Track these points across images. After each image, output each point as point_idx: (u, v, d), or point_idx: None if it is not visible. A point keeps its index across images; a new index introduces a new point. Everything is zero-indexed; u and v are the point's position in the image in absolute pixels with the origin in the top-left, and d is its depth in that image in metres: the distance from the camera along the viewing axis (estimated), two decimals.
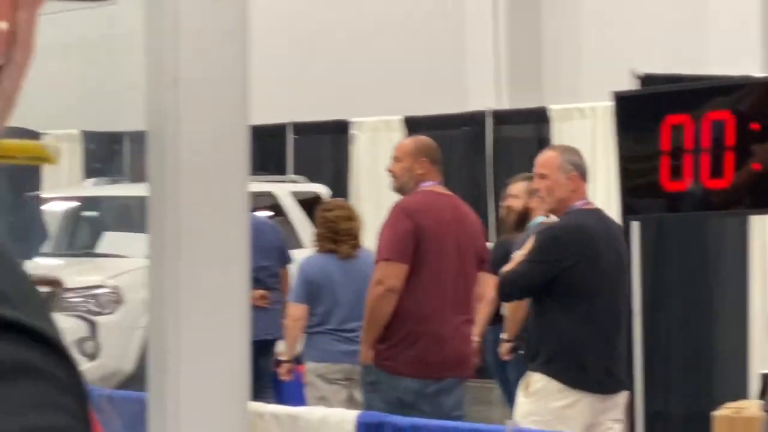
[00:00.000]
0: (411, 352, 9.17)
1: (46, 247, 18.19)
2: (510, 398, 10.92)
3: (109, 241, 16.81)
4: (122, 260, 15.44)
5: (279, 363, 12.50)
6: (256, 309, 10.22)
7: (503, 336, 11.13)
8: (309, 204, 15.11)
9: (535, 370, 9.12)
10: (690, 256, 12.52)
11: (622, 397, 9.33)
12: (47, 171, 19.83)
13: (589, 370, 8.85)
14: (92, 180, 19.28)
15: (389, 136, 15.57)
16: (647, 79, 10.98)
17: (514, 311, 10.72)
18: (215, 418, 3.13)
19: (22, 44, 1.26)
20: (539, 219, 10.68)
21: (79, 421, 0.94)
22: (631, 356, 10.80)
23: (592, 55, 16.58)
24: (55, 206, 19.14)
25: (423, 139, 10.73)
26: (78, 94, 21.77)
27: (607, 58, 15.73)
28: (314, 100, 17.30)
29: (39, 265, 15.83)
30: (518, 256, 9.41)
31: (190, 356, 3.10)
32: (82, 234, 19.18)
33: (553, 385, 8.85)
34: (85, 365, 13.97)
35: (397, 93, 16.22)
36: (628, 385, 9.53)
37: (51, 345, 0.94)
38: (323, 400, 9.89)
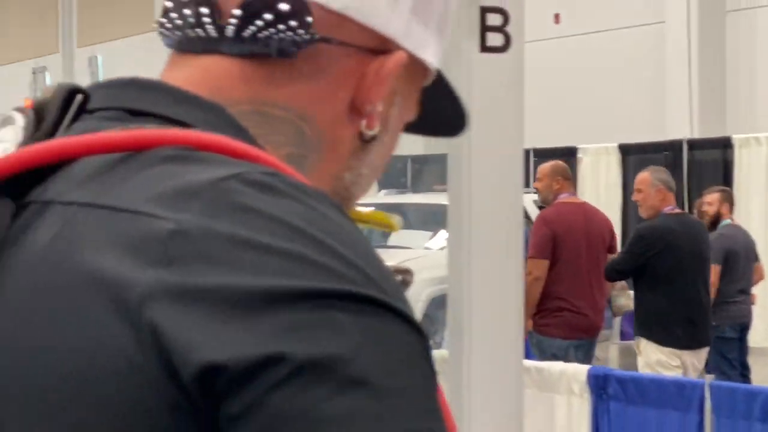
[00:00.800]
0: (557, 320, 9.55)
1: None
2: None
3: (395, 237, 16.95)
4: (406, 251, 15.55)
5: None
6: None
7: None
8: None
9: (637, 334, 9.63)
10: None
11: (703, 351, 9.46)
12: None
13: (672, 334, 9.12)
14: (384, 191, 19.45)
15: (608, 160, 14.98)
16: None
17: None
18: (497, 369, 3.17)
19: (391, 132, 1.20)
20: (727, 221, 10.56)
21: (434, 377, 0.93)
22: None
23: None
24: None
25: (558, 162, 11.09)
26: None
27: None
28: (550, 129, 17.14)
29: None
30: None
31: (479, 322, 3.15)
32: (376, 232, 19.36)
33: (651, 345, 9.22)
34: None
35: (614, 124, 16.04)
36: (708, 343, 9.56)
37: (411, 323, 0.92)
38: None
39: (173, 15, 1.16)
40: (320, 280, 0.89)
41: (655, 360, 9.09)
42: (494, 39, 3.37)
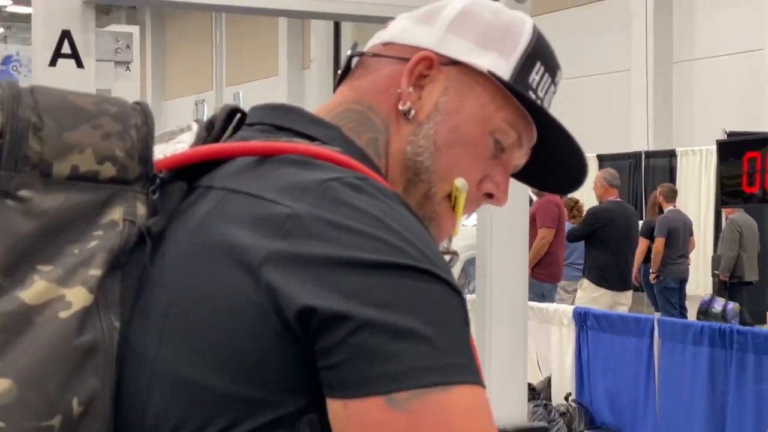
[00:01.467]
0: (547, 270, 9.45)
1: None
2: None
3: None
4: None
5: None
6: None
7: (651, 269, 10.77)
8: None
9: (583, 276, 9.78)
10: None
11: (628, 293, 9.69)
12: None
13: (606, 278, 9.28)
14: None
15: (589, 165, 14.43)
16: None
17: (655, 257, 10.46)
18: (509, 307, 3.16)
19: (443, 116, 1.13)
20: (670, 208, 10.55)
21: (468, 326, 0.93)
22: None
23: None
24: None
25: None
26: None
27: None
28: None
29: None
30: None
31: (497, 275, 3.13)
32: None
33: (591, 285, 9.42)
34: None
35: (593, 141, 15.38)
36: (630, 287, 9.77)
37: (453, 288, 0.91)
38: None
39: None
40: (390, 255, 0.90)
41: (591, 297, 9.19)
42: None
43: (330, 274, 0.89)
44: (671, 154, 14.24)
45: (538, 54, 1.16)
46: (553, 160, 1.20)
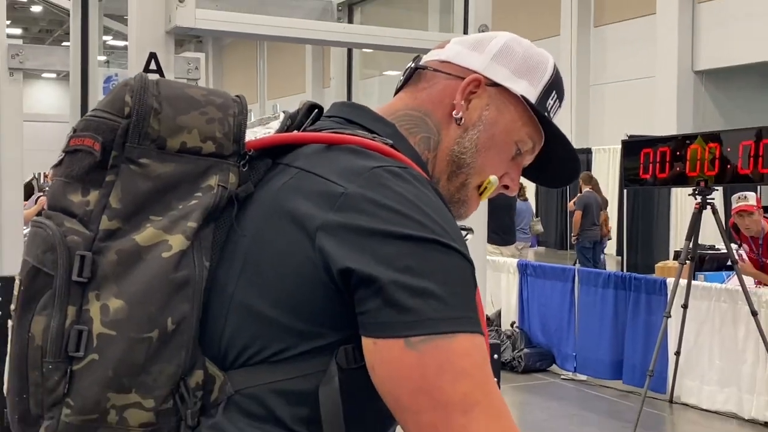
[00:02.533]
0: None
1: None
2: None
3: None
4: None
5: None
6: None
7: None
8: None
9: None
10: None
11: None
12: None
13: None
14: None
15: None
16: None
17: (574, 225, 10.43)
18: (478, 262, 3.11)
19: (485, 126, 1.11)
20: (587, 189, 10.47)
21: (476, 289, 0.92)
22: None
23: None
24: None
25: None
26: None
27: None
28: None
29: None
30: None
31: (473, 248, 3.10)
32: None
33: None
34: None
35: None
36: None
37: (467, 259, 0.90)
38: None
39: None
40: (417, 230, 0.89)
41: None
42: None
43: (367, 242, 0.89)
44: (588, 151, 14.15)
45: (555, 85, 1.16)
46: (553, 162, 1.19)
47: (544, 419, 5.69)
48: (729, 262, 5.61)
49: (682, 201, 10.94)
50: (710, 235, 7.46)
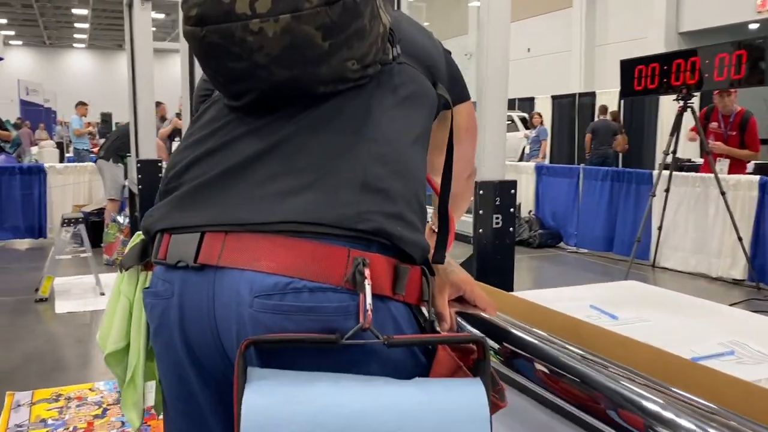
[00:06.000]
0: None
1: None
2: None
3: None
4: None
5: None
6: None
7: None
8: None
9: None
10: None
11: None
12: None
13: None
14: None
15: (545, 101, 13.71)
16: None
17: (587, 144, 9.92)
18: None
19: None
20: (601, 118, 9.95)
21: None
22: None
23: None
24: None
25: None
26: None
27: None
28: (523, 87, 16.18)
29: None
30: None
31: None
32: None
33: None
34: None
35: (549, 87, 15.29)
36: None
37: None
38: None
39: None
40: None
41: None
42: None
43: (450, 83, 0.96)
44: (593, 95, 13.60)
45: None
46: None
47: (554, 277, 5.71)
48: (701, 153, 5.34)
49: (668, 113, 10.39)
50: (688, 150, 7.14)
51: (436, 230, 0.81)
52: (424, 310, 0.71)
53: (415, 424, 0.55)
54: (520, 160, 10.45)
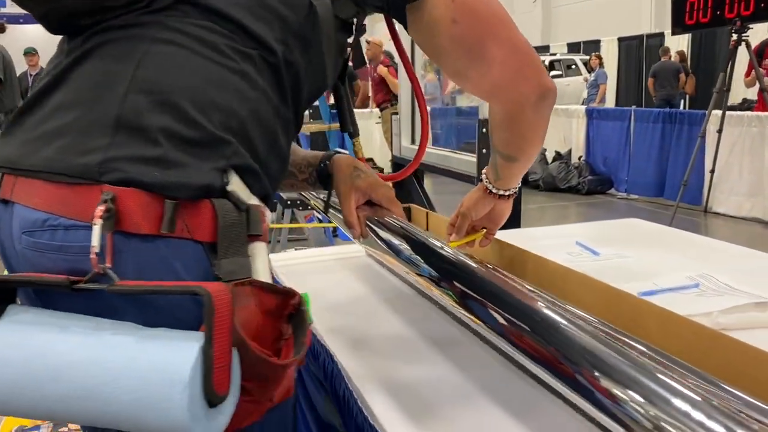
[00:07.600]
0: None
1: None
2: None
3: None
4: None
5: None
6: None
7: None
8: None
9: None
10: None
11: None
12: None
13: None
14: None
15: (611, 45, 12.79)
16: None
17: (650, 86, 9.41)
18: None
19: None
20: (665, 59, 9.32)
21: None
22: None
23: None
24: None
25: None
26: None
27: None
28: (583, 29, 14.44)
29: None
30: None
31: None
32: None
33: None
34: None
35: (615, 28, 13.41)
36: None
37: None
38: None
39: None
40: None
41: None
42: None
43: None
44: (661, 35, 12.84)
45: None
46: None
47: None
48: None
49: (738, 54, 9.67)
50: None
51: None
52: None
53: (118, 381, 0.51)
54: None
